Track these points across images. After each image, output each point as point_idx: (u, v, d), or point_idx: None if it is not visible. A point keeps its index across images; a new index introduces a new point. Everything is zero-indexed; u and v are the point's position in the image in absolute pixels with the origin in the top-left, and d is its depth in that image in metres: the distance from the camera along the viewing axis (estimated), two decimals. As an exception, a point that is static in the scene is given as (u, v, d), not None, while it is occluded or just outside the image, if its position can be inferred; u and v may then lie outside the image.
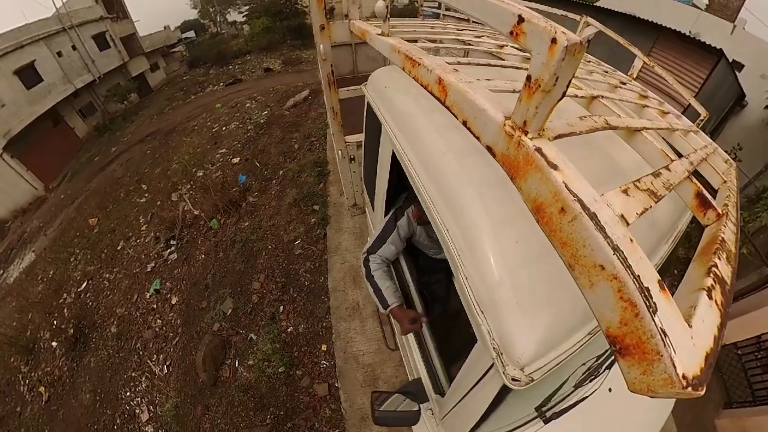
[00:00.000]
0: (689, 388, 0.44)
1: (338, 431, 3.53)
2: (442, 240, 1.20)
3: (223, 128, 10.99)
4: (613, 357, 1.60)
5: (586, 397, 1.79)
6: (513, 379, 0.90)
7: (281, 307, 4.75)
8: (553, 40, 0.54)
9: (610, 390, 1.95)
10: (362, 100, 2.83)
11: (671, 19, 8.29)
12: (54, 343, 6.27)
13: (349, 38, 2.34)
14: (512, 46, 2.02)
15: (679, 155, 1.20)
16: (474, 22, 3.99)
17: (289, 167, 7.15)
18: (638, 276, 0.47)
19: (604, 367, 1.81)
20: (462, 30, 2.78)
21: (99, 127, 19.36)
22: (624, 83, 2.02)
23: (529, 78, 0.59)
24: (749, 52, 8.53)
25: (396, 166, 1.84)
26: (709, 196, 0.93)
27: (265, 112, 11.12)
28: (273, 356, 4.16)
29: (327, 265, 4.89)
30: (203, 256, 6.07)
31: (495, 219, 1.06)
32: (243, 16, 30.80)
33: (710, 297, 0.61)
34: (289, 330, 4.47)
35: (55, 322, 6.73)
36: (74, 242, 8.97)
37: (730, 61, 7.73)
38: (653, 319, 0.45)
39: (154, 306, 5.80)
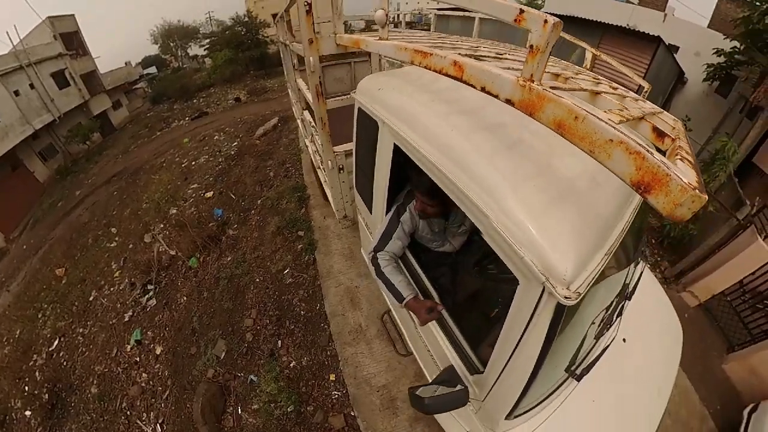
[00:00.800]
0: (696, 191, 0.64)
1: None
2: (466, 205, 1.40)
3: (193, 163, 10.81)
4: (619, 306, 1.98)
5: (606, 347, 1.93)
6: (565, 297, 1.04)
7: (279, 342, 4.52)
8: (545, 21, 0.89)
9: (624, 340, 2.16)
10: (339, 113, 3.03)
11: (611, 16, 9.58)
12: (27, 413, 5.62)
13: (334, 50, 2.62)
14: (485, 47, 2.43)
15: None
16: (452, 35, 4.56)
17: (268, 195, 7.06)
18: (634, 139, 0.72)
19: (615, 316, 2.00)
20: (440, 40, 3.02)
21: (61, 169, 18.56)
22: (579, 73, 2.36)
23: (531, 46, 0.93)
24: (681, 34, 9.76)
25: (396, 162, 2.00)
26: (662, 129, 1.21)
27: (235, 143, 11.04)
28: (279, 396, 3.89)
29: (321, 291, 4.74)
30: (185, 298, 5.81)
31: (512, 177, 1.28)
32: (204, 50, 30.91)
33: (683, 161, 0.89)
34: (291, 365, 4.23)
35: (26, 387, 6.10)
36: (41, 296, 8.42)
37: (667, 45, 8.88)
38: (655, 157, 0.69)
39: (137, 359, 5.39)
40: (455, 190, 1.42)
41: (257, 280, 5.44)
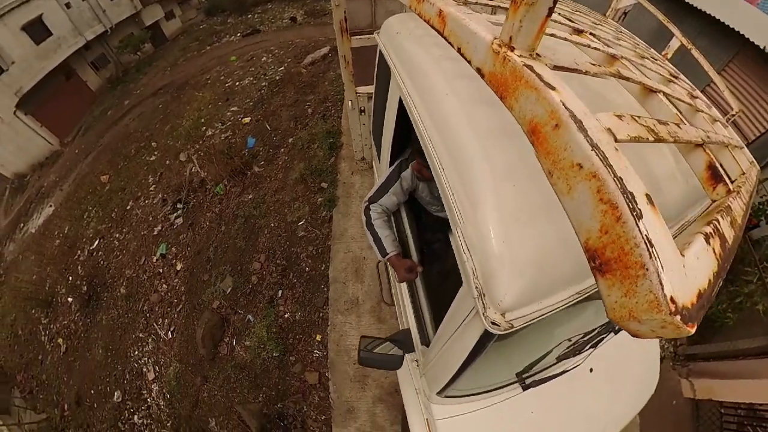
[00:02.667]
0: (677, 316, 0.36)
1: (324, 418, 3.60)
2: (437, 178, 1.20)
3: (236, 84, 10.48)
4: (598, 337, 1.78)
5: (567, 371, 1.89)
6: (492, 323, 0.90)
7: (280, 292, 4.59)
8: None
9: (591, 370, 2.05)
10: (372, 51, 2.78)
11: (751, 28, 6.33)
12: (70, 299, 6.55)
13: None
14: None
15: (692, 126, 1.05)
16: None
17: (300, 135, 6.61)
18: (620, 178, 0.41)
19: (588, 346, 1.86)
20: None
21: (112, 79, 19.04)
22: (655, 59, 1.73)
23: None
24: None
25: (403, 114, 1.80)
26: (722, 171, 0.84)
27: (281, 68, 10.46)
28: (268, 342, 4.16)
29: (330, 253, 4.61)
30: (207, 223, 5.88)
31: (496, 169, 1.03)
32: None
33: (708, 243, 0.54)
34: (285, 316, 4.36)
35: (70, 278, 6.97)
36: (87, 199, 9.01)
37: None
38: (637, 225, 0.38)
39: (160, 270, 5.77)
40: (433, 163, 1.24)
41: (272, 225, 5.33)
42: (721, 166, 0.87)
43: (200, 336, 4.41)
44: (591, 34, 1.24)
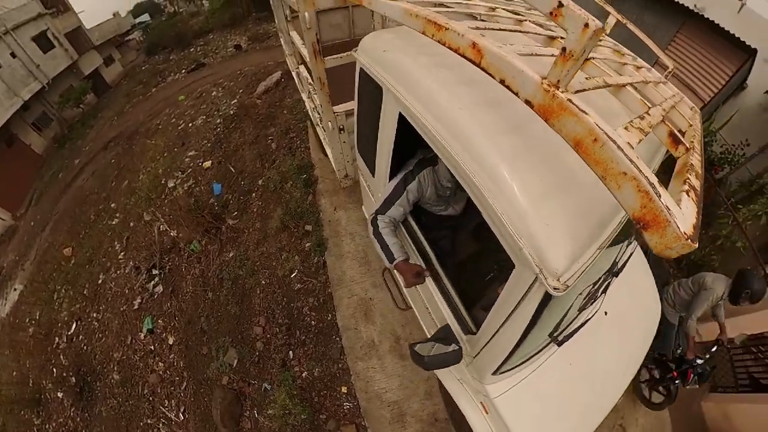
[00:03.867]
0: (689, 240, 0.68)
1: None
2: (469, 187, 1.38)
3: (190, 125, 10.05)
4: (606, 281, 2.13)
5: (588, 319, 2.17)
6: (555, 288, 1.12)
7: (291, 353, 4.31)
8: (586, 25, 0.75)
9: (606, 313, 2.36)
10: (339, 69, 2.94)
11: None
12: (60, 394, 5.93)
13: (332, 3, 2.51)
14: (504, 9, 2.10)
15: (653, 104, 1.37)
16: None
17: (269, 175, 6.26)
18: (647, 177, 0.72)
19: (600, 292, 2.14)
20: None
21: (57, 138, 18.00)
22: (600, 40, 2.08)
23: (564, 49, 0.80)
24: (757, 33, 7.15)
25: (401, 129, 1.91)
26: (679, 135, 1.20)
27: (234, 101, 10.12)
28: (292, 406, 3.87)
29: (333, 301, 4.36)
30: (191, 287, 5.50)
31: (515, 162, 1.26)
32: (201, -9, 28.33)
33: (688, 195, 0.87)
34: (303, 375, 4.11)
35: (54, 370, 6.36)
36: (53, 277, 8.35)
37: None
38: (660, 201, 0.70)
39: (152, 348, 5.34)
40: (459, 170, 1.41)
41: (263, 282, 5.00)
42: (678, 131, 1.23)
43: (218, 416, 4.11)
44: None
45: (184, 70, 17.20)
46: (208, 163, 7.55)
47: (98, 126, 16.49)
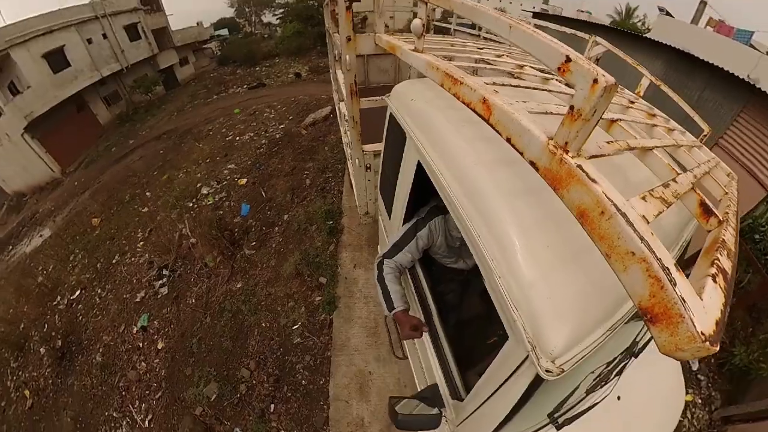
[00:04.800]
0: (707, 343, 0.55)
1: None
2: (473, 246, 1.30)
3: (237, 138, 10.72)
4: (621, 363, 1.85)
5: (597, 403, 1.89)
6: (546, 371, 0.98)
7: (272, 406, 4.09)
8: (595, 80, 0.68)
9: (618, 398, 2.04)
10: (376, 111, 2.94)
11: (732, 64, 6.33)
12: (42, 350, 6.11)
13: (373, 50, 2.55)
14: (532, 67, 2.16)
15: (684, 169, 1.31)
16: (491, 40, 4.59)
17: (296, 212, 6.36)
18: (660, 258, 0.60)
19: (614, 374, 1.90)
20: (482, 49, 2.95)
21: (122, 116, 19.62)
22: (633, 102, 2.13)
23: (572, 108, 0.73)
24: None
25: (419, 176, 1.92)
26: (711, 205, 1.01)
27: (282, 126, 10.76)
28: None
29: (330, 366, 4.14)
30: (193, 301, 5.63)
31: (526, 226, 1.17)
32: (277, 19, 31.08)
33: (715, 281, 0.72)
34: None
35: (45, 326, 6.56)
36: (76, 240, 8.79)
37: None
38: (674, 290, 0.58)
39: (140, 345, 5.44)
40: (466, 228, 1.34)
41: (263, 325, 4.89)
42: (708, 202, 1.03)
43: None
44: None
45: (245, 86, 18.49)
46: (243, 181, 7.97)
47: (159, 116, 17.83)
